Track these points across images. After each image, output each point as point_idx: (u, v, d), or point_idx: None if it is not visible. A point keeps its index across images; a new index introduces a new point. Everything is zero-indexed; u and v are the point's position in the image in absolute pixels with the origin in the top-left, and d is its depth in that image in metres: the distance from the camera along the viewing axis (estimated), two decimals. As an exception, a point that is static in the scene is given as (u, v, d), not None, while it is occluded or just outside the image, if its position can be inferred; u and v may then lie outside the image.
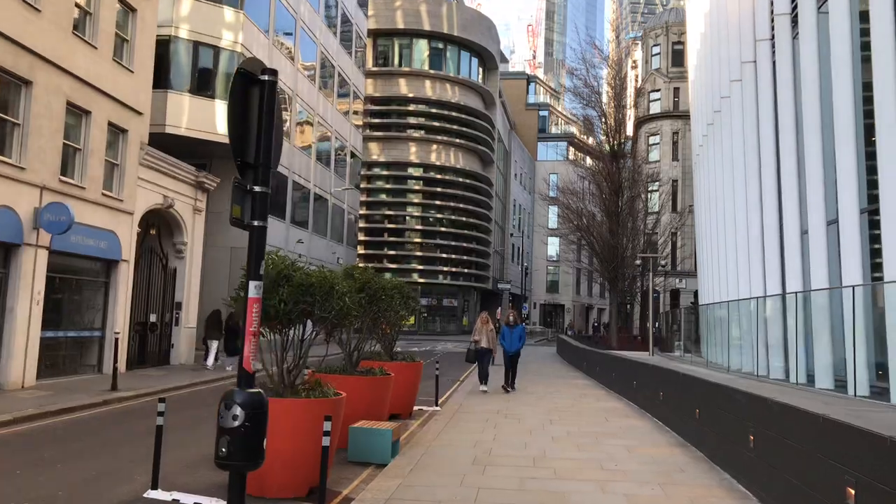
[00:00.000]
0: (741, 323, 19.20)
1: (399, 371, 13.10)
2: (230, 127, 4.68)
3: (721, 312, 21.03)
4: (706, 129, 28.50)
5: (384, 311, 10.63)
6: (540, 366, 27.14)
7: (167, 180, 20.91)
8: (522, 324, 18.22)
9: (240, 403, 3.99)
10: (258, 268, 4.46)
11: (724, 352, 20.44)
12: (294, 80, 32.31)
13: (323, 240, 36.74)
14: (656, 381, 13.42)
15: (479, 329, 16.78)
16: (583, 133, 40.88)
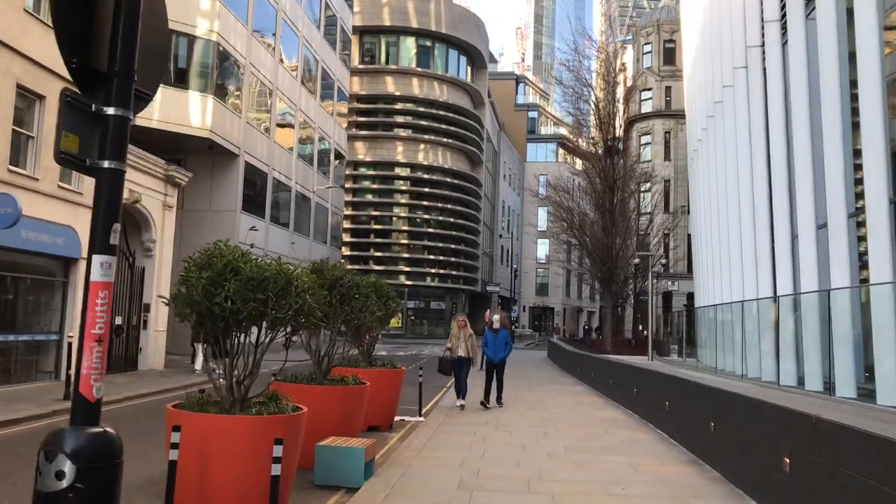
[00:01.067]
0: (745, 326, 18.07)
1: (378, 379, 11.86)
2: (54, 4, 3.20)
3: (724, 315, 19.91)
4: (700, 133, 28.02)
5: (358, 313, 9.38)
6: (531, 371, 25.95)
7: (133, 174, 19.56)
8: (509, 328, 15.87)
9: (69, 453, 2.58)
10: (107, 234, 3.15)
11: (728, 356, 19.33)
12: (275, 73, 31.03)
13: (306, 240, 35.42)
14: (660, 389, 12.24)
15: (456, 335, 14.27)
16: (574, 131, 39.52)
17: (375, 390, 11.48)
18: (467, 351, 13.97)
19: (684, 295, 51.05)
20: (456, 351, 13.90)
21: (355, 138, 55.59)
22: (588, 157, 44.38)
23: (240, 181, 27.76)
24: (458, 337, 14.05)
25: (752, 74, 21.46)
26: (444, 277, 58.59)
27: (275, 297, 6.33)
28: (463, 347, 13.95)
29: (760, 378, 16.53)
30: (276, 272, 6.45)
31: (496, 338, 14.29)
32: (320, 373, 9.43)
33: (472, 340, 14.04)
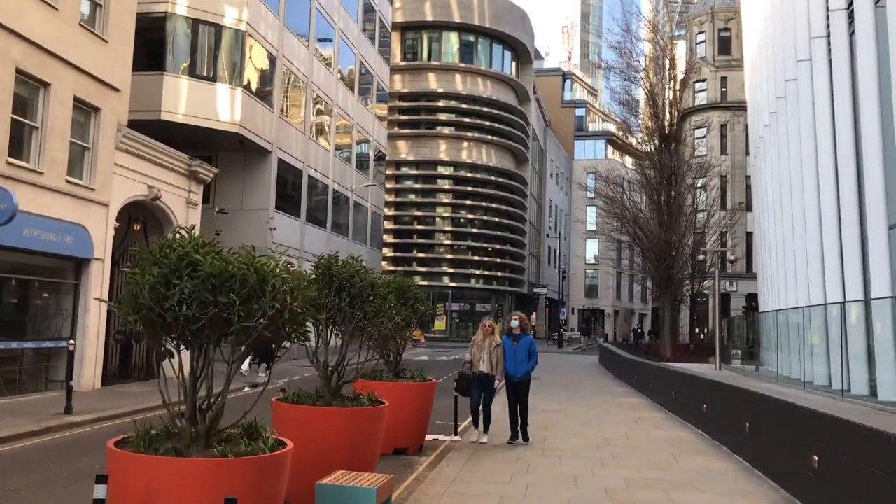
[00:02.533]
0: (829, 331, 15.89)
1: (405, 394, 10.25)
2: None
3: (810, 320, 17.63)
4: (763, 129, 25.97)
5: (372, 318, 7.76)
6: (582, 379, 24.03)
7: (153, 168, 18.37)
8: (530, 331, 11.76)
9: None
10: None
11: (810, 364, 17.13)
12: (309, 67, 29.74)
13: (343, 240, 34.07)
14: (738, 408, 10.31)
15: (479, 343, 10.87)
16: (622, 126, 37.10)
17: (402, 407, 9.86)
18: (491, 365, 10.67)
19: (743, 296, 48.22)
20: (477, 365, 10.70)
21: (397, 137, 54.22)
22: (638, 155, 41.92)
23: (273, 178, 26.50)
24: (482, 347, 10.78)
25: (817, 67, 20.09)
26: (490, 279, 56.76)
27: (239, 299, 4.73)
28: (486, 360, 10.66)
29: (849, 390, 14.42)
30: (242, 267, 4.85)
31: (517, 347, 10.97)
32: (328, 390, 7.82)
33: (498, 352, 10.72)
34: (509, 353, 10.84)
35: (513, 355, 10.86)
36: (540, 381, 22.25)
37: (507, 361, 10.81)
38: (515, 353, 10.88)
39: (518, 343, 10.98)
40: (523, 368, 10.93)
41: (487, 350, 10.69)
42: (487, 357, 10.68)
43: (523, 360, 10.91)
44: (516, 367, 10.87)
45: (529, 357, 10.96)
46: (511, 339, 10.98)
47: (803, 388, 15.83)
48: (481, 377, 10.70)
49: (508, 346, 10.87)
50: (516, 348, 10.92)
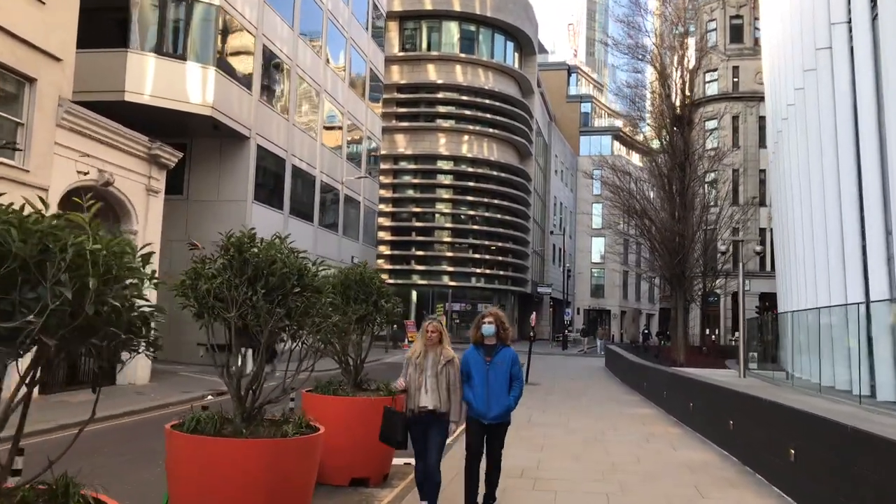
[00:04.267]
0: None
1: (364, 412, 8.22)
2: None
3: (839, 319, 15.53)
4: (780, 123, 24.04)
5: (300, 318, 5.74)
6: (586, 385, 21.97)
7: (105, 150, 16.40)
8: (508, 340, 7.05)
9: None
10: None
11: (842, 369, 15.03)
12: (293, 47, 27.75)
13: (333, 235, 32.10)
14: (780, 430, 8.26)
15: (418, 361, 6.70)
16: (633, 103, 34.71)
17: (360, 427, 7.91)
18: (438, 397, 6.51)
19: (756, 296, 46.00)
20: (415, 396, 6.57)
21: (396, 130, 52.23)
22: (646, 151, 39.56)
23: (251, 167, 24.52)
24: (423, 366, 6.61)
25: (837, 55, 18.42)
26: (491, 278, 54.65)
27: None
28: (430, 388, 6.53)
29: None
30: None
31: (490, 366, 6.77)
32: (240, 414, 5.82)
33: (450, 374, 6.60)
34: (477, 375, 6.71)
35: (483, 380, 6.67)
36: (540, 386, 20.23)
37: (474, 390, 6.68)
38: (488, 376, 6.68)
39: (493, 359, 6.73)
40: (501, 403, 6.66)
41: (432, 371, 6.53)
42: (433, 383, 6.49)
43: (501, 389, 6.69)
44: (489, 401, 6.64)
45: (511, 384, 6.76)
46: (481, 354, 6.79)
47: (859, 404, 13.67)
48: (422, 418, 6.48)
49: (476, 366, 6.74)
50: (489, 368, 6.70)
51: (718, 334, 46.86)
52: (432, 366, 6.61)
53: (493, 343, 6.85)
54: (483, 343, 6.88)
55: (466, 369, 6.80)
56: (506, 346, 6.90)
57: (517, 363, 6.94)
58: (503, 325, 6.91)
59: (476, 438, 6.84)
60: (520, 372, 6.92)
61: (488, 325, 6.84)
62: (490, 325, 6.83)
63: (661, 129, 29.95)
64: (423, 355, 6.67)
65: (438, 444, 6.65)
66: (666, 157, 29.84)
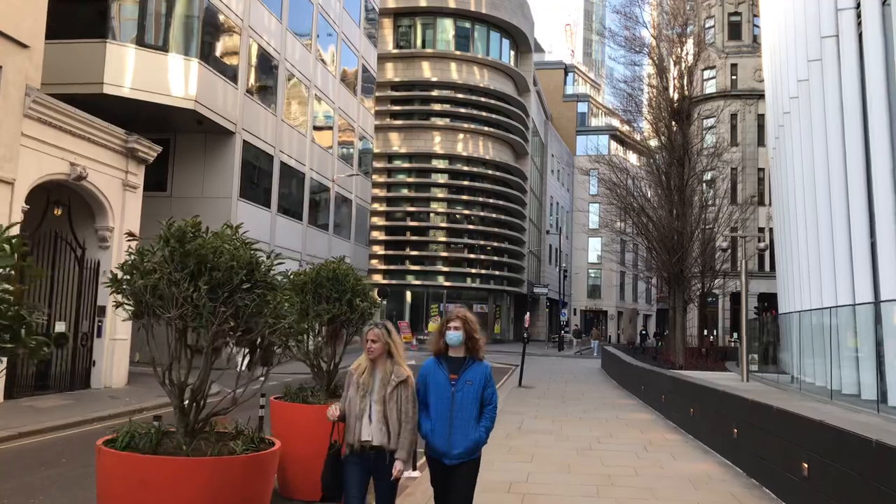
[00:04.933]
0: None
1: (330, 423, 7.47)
2: None
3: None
4: (782, 118, 23.34)
5: (250, 318, 5.01)
6: (582, 388, 21.25)
7: (78, 143, 15.64)
8: (479, 348, 5.19)
9: None
10: None
11: (849, 371, 14.32)
12: (281, 41, 27.01)
13: (323, 234, 31.36)
14: (792, 441, 7.55)
15: (360, 380, 5.01)
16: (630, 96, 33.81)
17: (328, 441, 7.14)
18: (386, 429, 4.88)
19: (755, 296, 45.28)
20: (354, 427, 4.95)
21: (390, 129, 51.51)
22: (643, 151, 38.81)
23: (236, 163, 23.78)
24: (366, 387, 4.98)
25: (845, 44, 17.56)
26: (487, 278, 53.92)
27: None
28: (375, 417, 4.89)
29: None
30: None
31: (456, 386, 5.04)
32: (183, 426, 5.09)
33: (404, 399, 4.94)
34: (438, 399, 5.00)
35: (445, 406, 4.97)
36: (533, 389, 19.52)
37: (433, 418, 4.99)
38: (453, 401, 4.97)
39: (460, 378, 5.02)
40: (468, 437, 4.95)
41: (379, 394, 4.89)
42: (379, 411, 4.86)
43: (468, 418, 4.97)
44: (452, 435, 4.93)
45: (482, 411, 5.03)
46: (444, 370, 5.06)
47: (877, 412, 12.92)
48: (364, 456, 4.91)
49: (438, 386, 5.02)
50: (455, 390, 4.99)
51: (716, 335, 46.18)
52: (380, 387, 4.90)
53: (461, 356, 5.08)
54: (447, 355, 5.11)
55: (424, 391, 5.04)
56: (477, 361, 5.10)
57: (491, 383, 5.10)
58: (473, 330, 5.12)
59: (434, 486, 5.12)
60: (494, 395, 5.10)
61: (454, 331, 5.06)
62: (457, 332, 5.06)
63: (660, 122, 29.19)
64: (369, 372, 4.97)
65: (386, 496, 4.93)
66: (664, 153, 29.09)
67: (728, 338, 45.77)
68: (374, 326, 5.04)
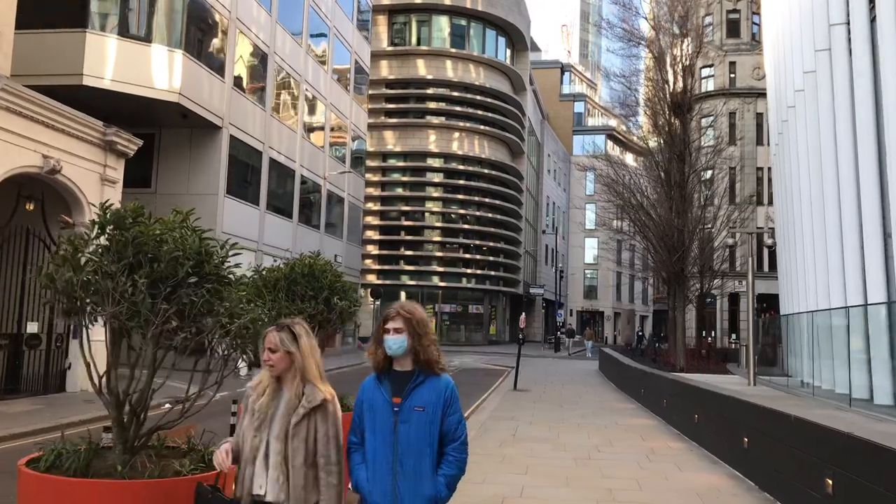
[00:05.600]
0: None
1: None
2: None
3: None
4: (786, 113, 22.77)
5: (196, 317, 4.30)
6: (579, 392, 20.57)
7: (52, 135, 14.90)
8: (436, 362, 3.50)
9: None
10: None
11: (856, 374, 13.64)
12: (271, 34, 26.28)
13: (314, 233, 30.64)
14: (811, 453, 6.86)
15: (259, 407, 3.42)
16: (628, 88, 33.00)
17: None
18: (286, 479, 3.32)
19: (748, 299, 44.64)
20: (248, 476, 3.42)
21: (384, 127, 50.81)
22: (641, 151, 38.06)
23: (223, 159, 23.04)
24: (267, 412, 3.41)
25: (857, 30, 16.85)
26: (482, 279, 53.21)
27: None
28: (275, 462, 3.33)
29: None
30: None
31: (401, 414, 3.41)
32: (121, 443, 4.39)
33: (313, 433, 3.35)
34: (376, 433, 3.44)
35: (386, 442, 3.40)
36: (529, 393, 18.82)
37: (368, 461, 3.45)
38: (397, 435, 3.40)
39: (406, 402, 3.43)
40: (420, 491, 3.38)
41: (281, 426, 3.35)
42: (279, 451, 3.34)
43: (419, 461, 3.39)
44: (397, 486, 3.38)
45: (443, 448, 3.45)
46: (385, 391, 3.48)
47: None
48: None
49: (377, 414, 3.45)
50: (399, 419, 3.41)
51: (714, 336, 45.57)
52: (282, 417, 3.33)
53: (408, 369, 3.48)
54: (390, 370, 3.51)
55: (359, 421, 3.51)
56: (432, 376, 3.48)
57: (454, 408, 3.46)
58: (422, 332, 3.47)
59: None
60: (460, 426, 3.47)
61: (395, 335, 3.44)
62: (398, 337, 3.43)
63: (659, 116, 28.47)
64: (271, 394, 3.41)
65: None
66: (664, 146, 28.35)
67: (727, 339, 45.15)
68: (273, 329, 3.50)
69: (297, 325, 3.51)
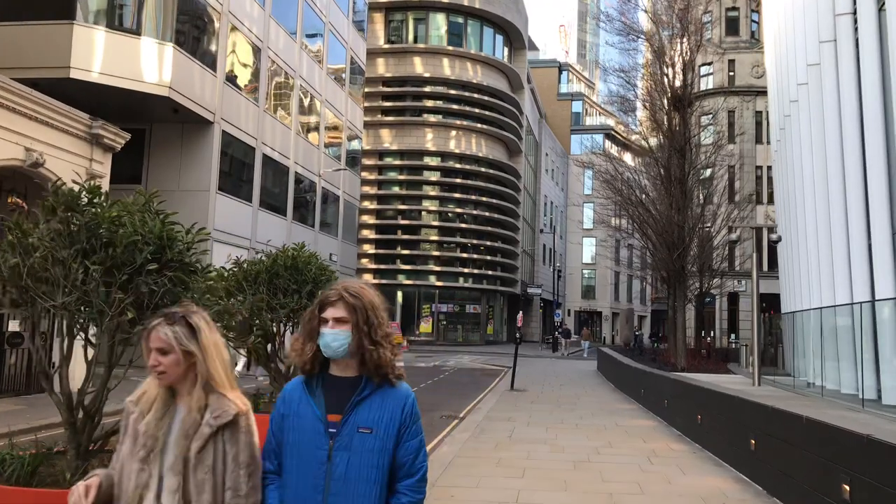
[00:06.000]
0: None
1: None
2: None
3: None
4: (788, 107, 22.36)
5: (155, 306, 3.88)
6: (577, 393, 20.15)
7: (35, 127, 14.49)
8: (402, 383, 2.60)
9: None
10: None
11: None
12: (264, 28, 25.85)
13: (308, 231, 30.20)
14: (827, 456, 6.46)
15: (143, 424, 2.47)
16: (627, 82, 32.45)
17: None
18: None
19: (752, 297, 44.24)
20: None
21: (381, 125, 50.40)
22: (639, 151, 37.64)
23: (215, 154, 22.61)
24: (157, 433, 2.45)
25: (864, 22, 16.35)
26: (480, 278, 52.78)
27: None
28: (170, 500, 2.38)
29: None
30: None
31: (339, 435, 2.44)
32: (74, 447, 3.98)
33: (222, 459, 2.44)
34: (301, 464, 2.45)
35: (316, 475, 2.43)
36: (526, 393, 18.42)
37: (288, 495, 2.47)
38: (329, 469, 2.42)
39: (347, 419, 2.47)
40: None
41: (178, 454, 2.43)
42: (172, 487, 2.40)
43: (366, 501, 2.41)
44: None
45: (394, 487, 2.49)
46: (317, 403, 2.51)
47: None
48: None
49: (302, 435, 2.47)
50: (336, 443, 2.45)
51: (713, 336, 45.19)
52: (178, 442, 2.45)
53: (351, 374, 2.56)
54: (324, 373, 2.58)
55: (276, 444, 2.54)
56: (387, 385, 2.57)
57: (415, 430, 2.57)
58: (374, 324, 2.56)
59: None
60: (420, 453, 2.57)
61: (336, 328, 2.50)
62: (341, 331, 2.50)
63: (659, 111, 28.03)
64: (159, 410, 2.50)
65: None
66: (664, 142, 27.90)
67: (726, 338, 44.78)
68: (161, 321, 2.52)
69: (194, 315, 2.54)
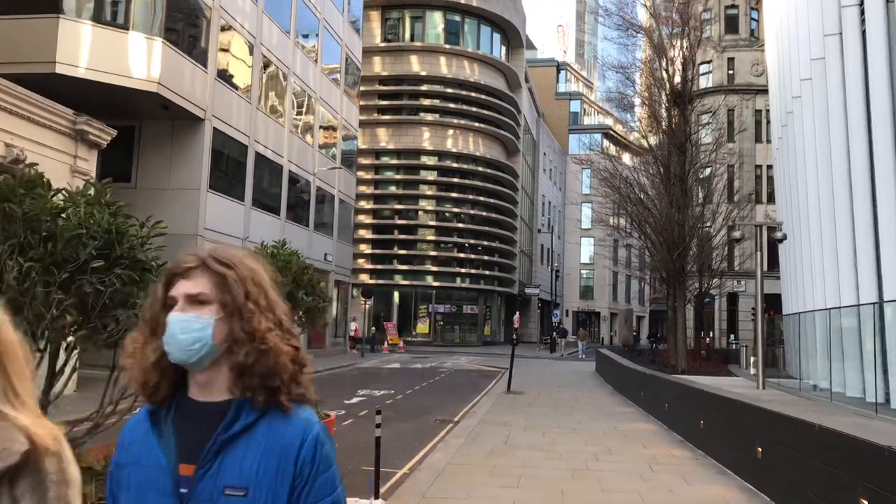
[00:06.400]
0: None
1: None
2: None
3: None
4: (784, 118, 21.97)
5: (102, 308, 3.46)
6: (575, 395, 19.74)
7: (15, 122, 14.06)
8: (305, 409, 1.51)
9: None
10: None
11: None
12: (256, 23, 25.42)
13: (303, 230, 29.77)
14: (842, 466, 6.05)
15: None
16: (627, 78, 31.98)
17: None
18: None
19: (752, 297, 43.88)
20: None
21: (377, 124, 49.98)
22: (636, 152, 37.26)
23: (206, 152, 22.17)
24: None
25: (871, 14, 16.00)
26: (477, 278, 52.35)
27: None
28: None
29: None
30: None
31: (194, 496, 1.43)
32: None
33: None
34: None
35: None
36: (523, 395, 18.01)
37: None
38: None
39: (211, 465, 1.45)
40: None
41: None
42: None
43: None
44: None
45: None
46: (164, 440, 1.50)
47: None
48: None
49: (147, 491, 1.46)
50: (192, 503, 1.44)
51: (713, 337, 44.79)
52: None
53: (221, 398, 1.52)
54: (178, 397, 1.57)
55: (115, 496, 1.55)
56: (275, 411, 1.50)
57: (321, 485, 1.49)
58: (256, 308, 1.52)
59: None
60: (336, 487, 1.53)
61: (190, 310, 1.49)
62: (197, 315, 1.49)
63: (658, 107, 27.61)
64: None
65: None
66: (664, 139, 27.48)
67: (726, 340, 44.39)
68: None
69: None
